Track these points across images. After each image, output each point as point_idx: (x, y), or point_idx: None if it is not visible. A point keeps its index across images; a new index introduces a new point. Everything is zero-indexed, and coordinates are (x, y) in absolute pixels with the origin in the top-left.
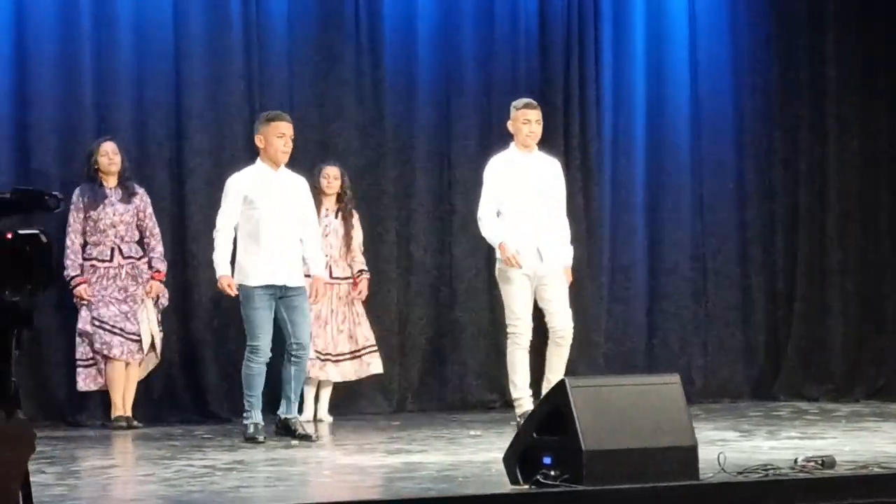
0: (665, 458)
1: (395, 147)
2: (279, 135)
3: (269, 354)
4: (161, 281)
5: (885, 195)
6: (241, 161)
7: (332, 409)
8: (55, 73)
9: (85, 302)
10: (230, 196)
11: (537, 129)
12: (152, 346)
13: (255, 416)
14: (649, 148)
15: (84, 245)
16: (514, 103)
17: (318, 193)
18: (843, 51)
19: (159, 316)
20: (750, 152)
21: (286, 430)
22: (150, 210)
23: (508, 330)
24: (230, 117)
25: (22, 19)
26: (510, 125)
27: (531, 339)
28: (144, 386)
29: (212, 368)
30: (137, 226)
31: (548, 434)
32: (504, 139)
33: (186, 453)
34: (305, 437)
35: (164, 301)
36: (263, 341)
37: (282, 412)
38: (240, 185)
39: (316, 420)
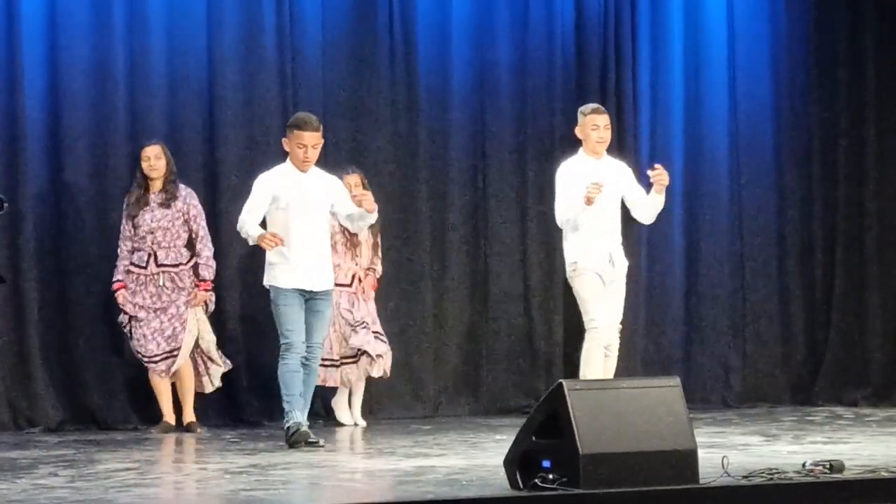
0: (664, 462)
1: (429, 152)
2: (300, 145)
3: (304, 352)
4: (207, 289)
5: None
6: (274, 164)
7: (367, 413)
8: (88, 77)
9: (124, 307)
10: (256, 192)
11: (606, 135)
12: (202, 354)
13: (296, 417)
14: (687, 154)
15: (133, 251)
16: (581, 109)
17: None
18: (883, 52)
19: (209, 323)
20: (789, 158)
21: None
22: (195, 212)
23: (589, 325)
24: (263, 122)
25: (55, 23)
26: (578, 131)
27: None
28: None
29: (244, 371)
30: (189, 229)
31: (546, 437)
32: (538, 144)
33: (205, 457)
34: (297, 443)
35: (211, 306)
36: (296, 337)
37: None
38: (267, 185)
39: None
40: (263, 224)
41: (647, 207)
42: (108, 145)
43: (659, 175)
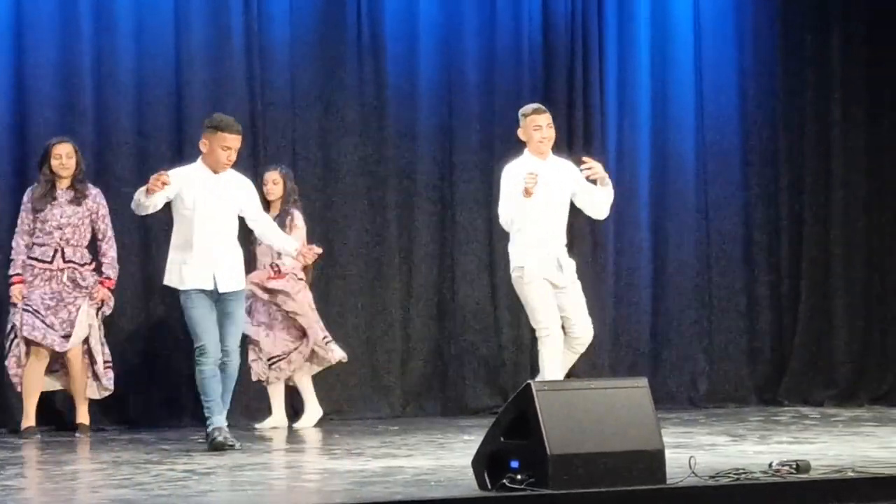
0: (631, 462)
1: (397, 152)
2: (224, 147)
3: (219, 355)
4: (109, 289)
5: (890, 199)
6: (243, 165)
7: (336, 412)
8: (55, 77)
9: (16, 303)
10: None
11: (550, 134)
12: (90, 356)
13: (217, 421)
14: (654, 154)
15: (31, 245)
16: (522, 110)
17: (264, 204)
18: (849, 52)
19: (101, 328)
20: (755, 157)
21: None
22: (103, 212)
23: (542, 333)
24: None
25: (21, 24)
26: (521, 133)
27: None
28: (147, 388)
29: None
30: (92, 228)
31: (515, 438)
32: (506, 144)
33: (172, 458)
34: (219, 447)
35: (108, 310)
36: (209, 341)
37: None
38: (174, 179)
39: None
40: (171, 223)
41: (598, 203)
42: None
43: (590, 168)
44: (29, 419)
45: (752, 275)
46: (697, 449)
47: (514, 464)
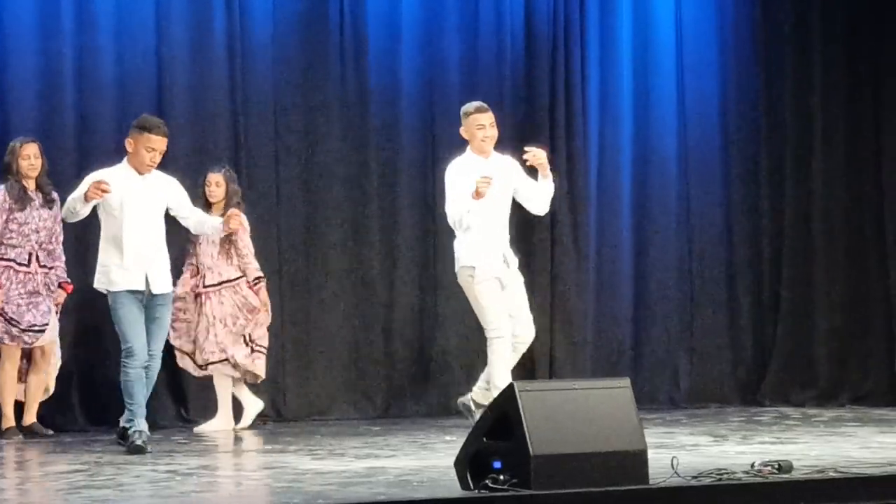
0: (614, 463)
1: (380, 151)
2: (149, 148)
3: (146, 358)
4: (69, 293)
5: (870, 201)
6: (225, 164)
7: (317, 412)
8: (36, 77)
9: None
10: (84, 185)
11: (493, 133)
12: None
13: (139, 425)
14: (636, 155)
15: (2, 246)
16: (464, 108)
17: (204, 204)
18: (829, 56)
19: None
20: (737, 161)
21: (122, 439)
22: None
23: (492, 334)
24: (213, 123)
25: (1, 25)
26: (463, 131)
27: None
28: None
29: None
30: (57, 231)
31: (497, 438)
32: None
33: (154, 458)
34: (139, 450)
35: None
36: (137, 343)
37: (124, 419)
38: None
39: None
40: (97, 226)
41: (540, 197)
42: (56, 146)
43: (533, 155)
44: (8, 420)
45: (734, 275)
46: (680, 449)
47: (497, 464)
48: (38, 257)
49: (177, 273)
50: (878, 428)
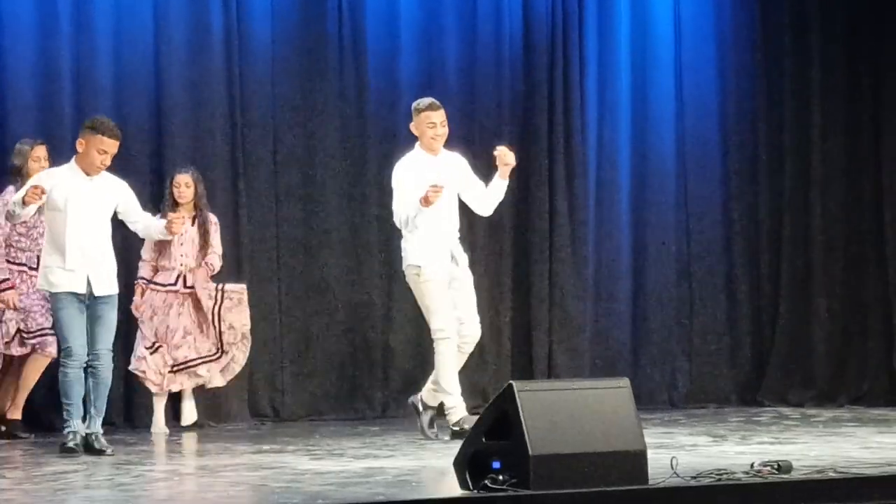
0: (613, 463)
1: (378, 152)
2: (101, 150)
3: (85, 358)
4: None
5: (869, 201)
6: (221, 165)
7: (316, 412)
8: (34, 78)
9: (13, 309)
10: (29, 184)
11: (443, 132)
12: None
13: (75, 426)
14: (634, 154)
15: (9, 250)
16: (416, 104)
17: (171, 204)
18: (828, 55)
19: None
20: (735, 158)
21: (84, 445)
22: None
23: (438, 335)
24: (211, 123)
25: None
26: (413, 127)
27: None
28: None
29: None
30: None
31: (496, 438)
32: (487, 142)
33: (153, 458)
34: (100, 452)
35: None
36: (76, 343)
37: (84, 426)
38: (46, 181)
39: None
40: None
41: (489, 197)
42: (54, 147)
43: (505, 154)
44: (18, 411)
45: (733, 275)
46: (679, 449)
47: (496, 464)
48: (38, 260)
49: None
50: (877, 428)
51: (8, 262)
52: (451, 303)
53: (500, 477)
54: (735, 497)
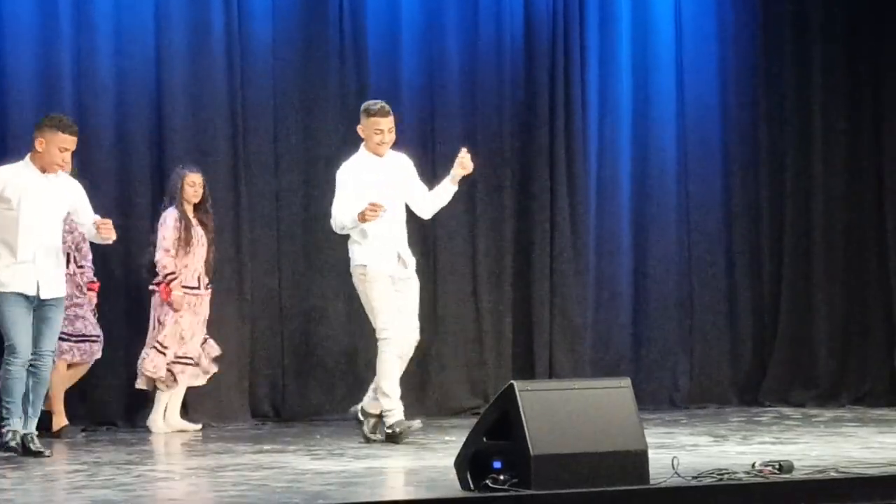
0: (614, 463)
1: None
2: (62, 148)
3: (28, 357)
4: (97, 291)
5: (869, 201)
6: (222, 165)
7: (316, 413)
8: (35, 77)
9: None
10: None
11: (390, 139)
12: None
13: (14, 424)
14: (635, 154)
15: None
16: (365, 107)
17: (180, 202)
18: (828, 55)
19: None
20: (736, 158)
21: (21, 446)
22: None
23: (380, 335)
24: (212, 122)
25: (0, 24)
26: (360, 129)
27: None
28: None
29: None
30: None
31: (497, 438)
32: (488, 141)
33: (153, 458)
34: (38, 454)
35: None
36: (20, 342)
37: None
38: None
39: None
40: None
41: (433, 201)
42: None
43: (467, 161)
44: (60, 419)
45: (734, 275)
46: (680, 449)
47: (497, 464)
48: (74, 258)
49: None
50: (879, 428)
51: None
52: (395, 304)
53: (501, 477)
54: (736, 497)
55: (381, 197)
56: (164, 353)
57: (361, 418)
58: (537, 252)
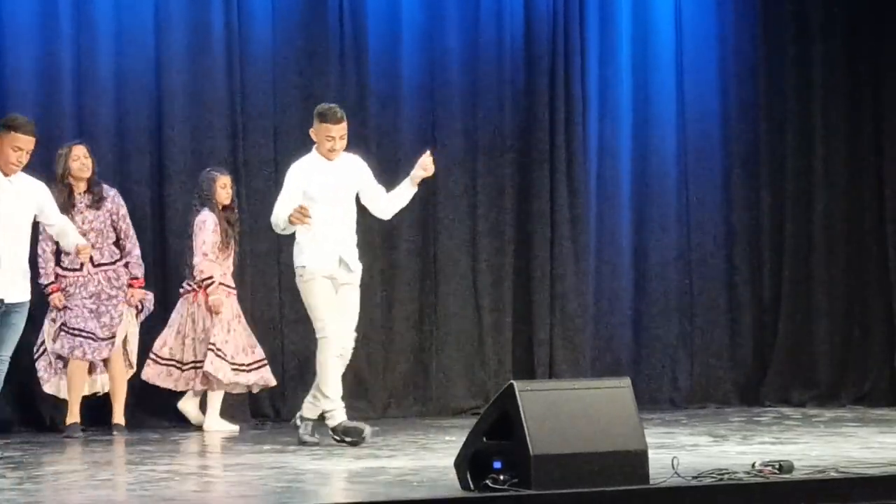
0: (614, 463)
1: (379, 153)
2: (16, 147)
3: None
4: (142, 287)
5: (869, 201)
6: (222, 165)
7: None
8: (34, 78)
9: (60, 309)
10: None
11: (340, 146)
12: (126, 356)
13: None
14: (635, 155)
15: (56, 252)
16: (318, 110)
17: (210, 202)
18: (828, 55)
19: (139, 324)
20: (736, 159)
21: None
22: (123, 212)
23: (319, 334)
24: (212, 123)
25: (0, 25)
26: (313, 133)
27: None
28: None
29: None
30: (113, 228)
31: (497, 438)
32: (488, 141)
33: (154, 458)
34: None
35: (150, 305)
36: None
37: None
38: None
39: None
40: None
41: (392, 202)
42: (55, 147)
43: (427, 162)
44: (73, 416)
45: (734, 275)
46: (680, 449)
47: (497, 464)
48: (91, 259)
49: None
50: (879, 428)
51: None
52: (334, 305)
53: (501, 477)
54: (736, 497)
55: (327, 199)
56: (224, 357)
57: (299, 423)
58: (537, 252)
